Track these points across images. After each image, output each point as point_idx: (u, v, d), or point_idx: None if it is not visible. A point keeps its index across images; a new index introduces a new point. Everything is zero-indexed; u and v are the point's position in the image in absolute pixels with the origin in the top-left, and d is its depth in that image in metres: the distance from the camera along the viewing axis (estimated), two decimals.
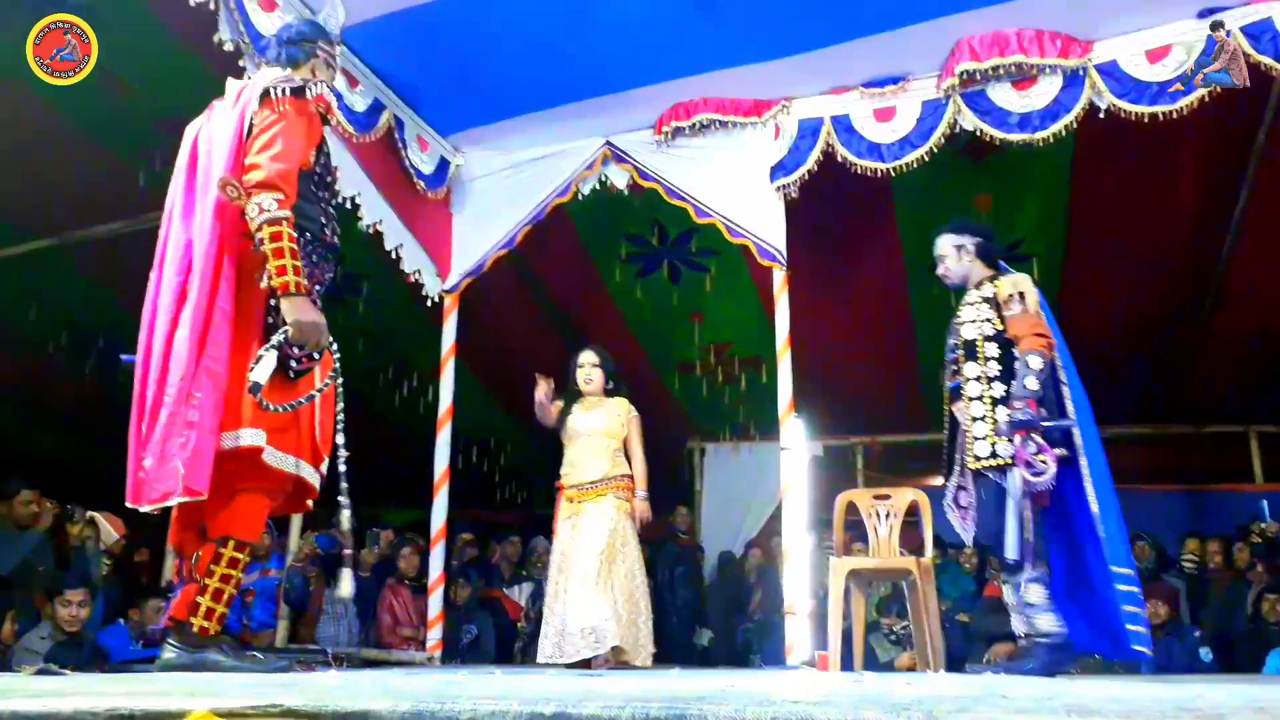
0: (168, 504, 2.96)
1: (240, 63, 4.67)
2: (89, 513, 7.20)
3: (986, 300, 4.23)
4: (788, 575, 5.52)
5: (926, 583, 4.80)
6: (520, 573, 8.43)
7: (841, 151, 5.59)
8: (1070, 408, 4.08)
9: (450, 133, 6.26)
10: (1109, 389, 8.87)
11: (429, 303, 6.38)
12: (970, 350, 4.19)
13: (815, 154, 5.64)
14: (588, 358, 5.47)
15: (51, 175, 6.36)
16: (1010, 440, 3.88)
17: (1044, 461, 3.79)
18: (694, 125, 5.83)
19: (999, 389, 4.04)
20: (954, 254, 4.44)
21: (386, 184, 5.80)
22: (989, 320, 4.19)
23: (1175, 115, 4.93)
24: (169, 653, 3.02)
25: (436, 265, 6.31)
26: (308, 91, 3.28)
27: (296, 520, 7.27)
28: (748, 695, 1.64)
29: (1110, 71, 5.09)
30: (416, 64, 5.58)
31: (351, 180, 5.47)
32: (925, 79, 5.45)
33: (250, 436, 3.03)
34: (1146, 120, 5.00)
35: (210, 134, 3.34)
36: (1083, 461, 3.96)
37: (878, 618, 7.13)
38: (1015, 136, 5.24)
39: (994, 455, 3.97)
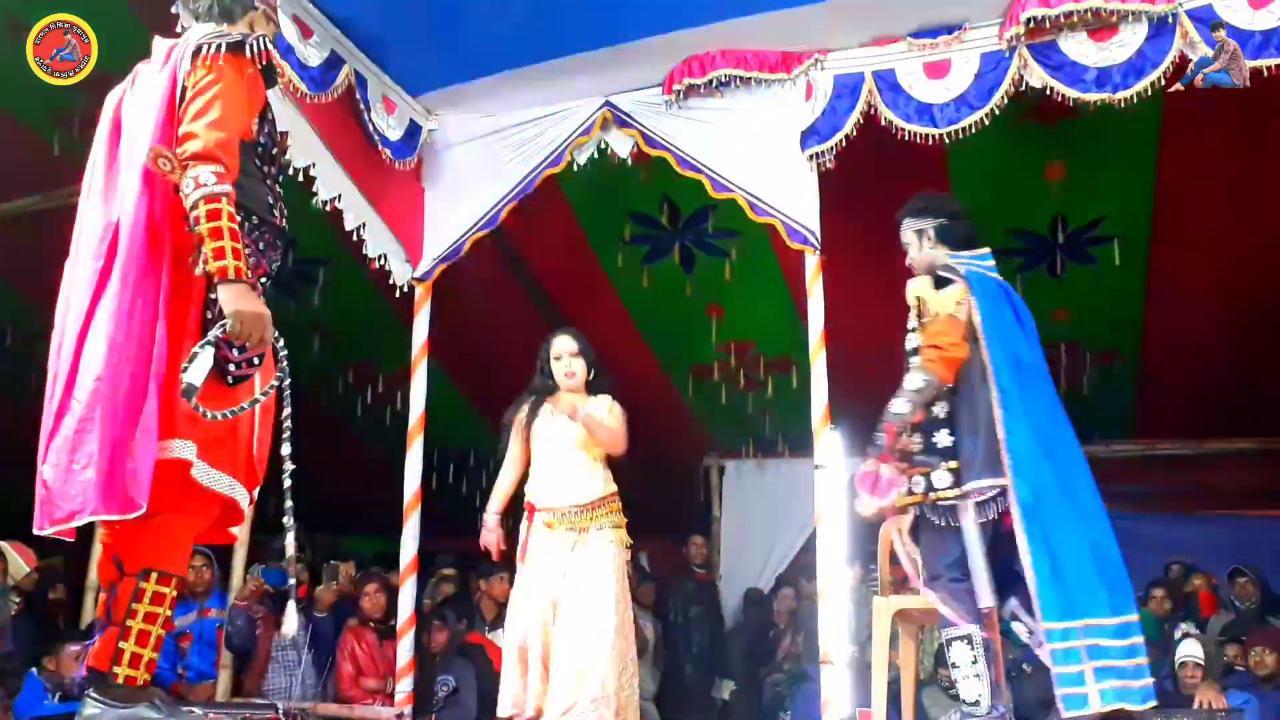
0: (74, 524, 2.86)
1: (173, 8, 4.68)
2: None
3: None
4: (824, 617, 5.50)
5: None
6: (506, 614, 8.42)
7: (886, 114, 5.57)
8: (1006, 460, 4.06)
9: (422, 92, 6.26)
10: (1202, 397, 8.90)
11: (397, 293, 6.38)
12: (907, 365, 4.31)
13: (854, 117, 5.62)
14: (565, 345, 5.15)
15: None
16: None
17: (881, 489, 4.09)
18: (710, 83, 5.82)
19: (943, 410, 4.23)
20: (915, 241, 4.57)
21: (346, 153, 5.80)
22: (914, 330, 4.35)
23: None
24: (90, 708, 2.92)
25: (405, 249, 6.32)
26: (247, 49, 3.21)
27: (240, 551, 7.27)
28: None
29: (1205, 18, 5.06)
30: (382, 11, 5.58)
31: (304, 149, 5.48)
32: (985, 28, 5.43)
33: (179, 448, 2.96)
34: (1250, 76, 4.98)
35: (135, 101, 3.33)
36: (1016, 514, 4.02)
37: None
38: (1091, 96, 5.22)
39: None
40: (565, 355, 5.10)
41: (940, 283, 4.31)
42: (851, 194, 5.99)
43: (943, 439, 4.18)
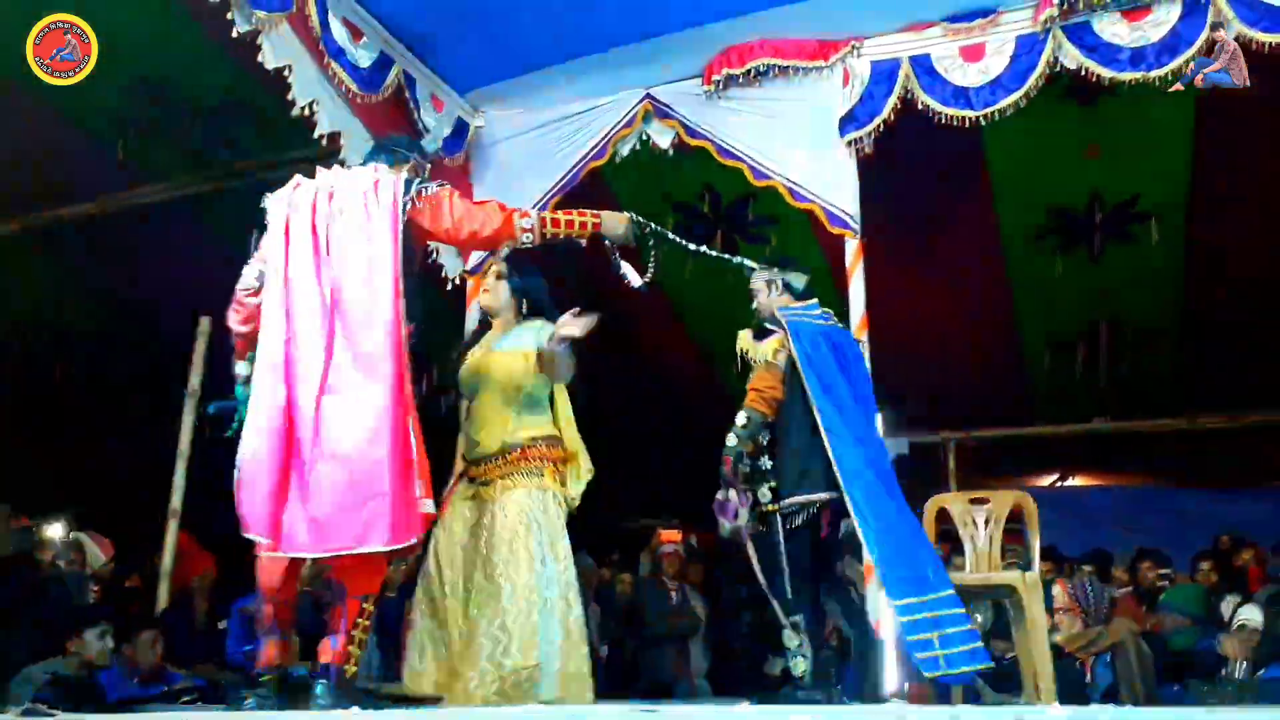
0: (357, 550, 3.53)
1: (229, 15, 4.73)
2: (73, 533, 7.34)
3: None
4: (872, 593, 5.48)
5: (1033, 601, 4.75)
6: None
7: (923, 98, 5.54)
8: (838, 472, 4.54)
9: (468, 90, 6.29)
10: (1243, 371, 8.78)
11: (449, 286, 6.42)
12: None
13: (892, 102, 5.60)
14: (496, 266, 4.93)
15: (9, 149, 6.47)
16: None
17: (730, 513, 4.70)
18: (749, 73, 5.82)
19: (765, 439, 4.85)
20: (765, 289, 5.10)
21: None
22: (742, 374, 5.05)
23: None
24: (327, 697, 3.56)
25: None
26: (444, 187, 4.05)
27: None
28: None
29: None
30: (429, 11, 5.60)
31: (357, 149, 5.51)
32: (1020, 10, 5.39)
33: (430, 505, 3.67)
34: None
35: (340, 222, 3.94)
36: (853, 515, 4.49)
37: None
38: (1126, 75, 5.17)
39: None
40: (491, 275, 4.88)
41: (761, 334, 4.98)
42: (890, 178, 5.96)
43: (765, 463, 4.81)
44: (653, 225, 4.39)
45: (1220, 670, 6.25)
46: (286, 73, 5.04)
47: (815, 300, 5.09)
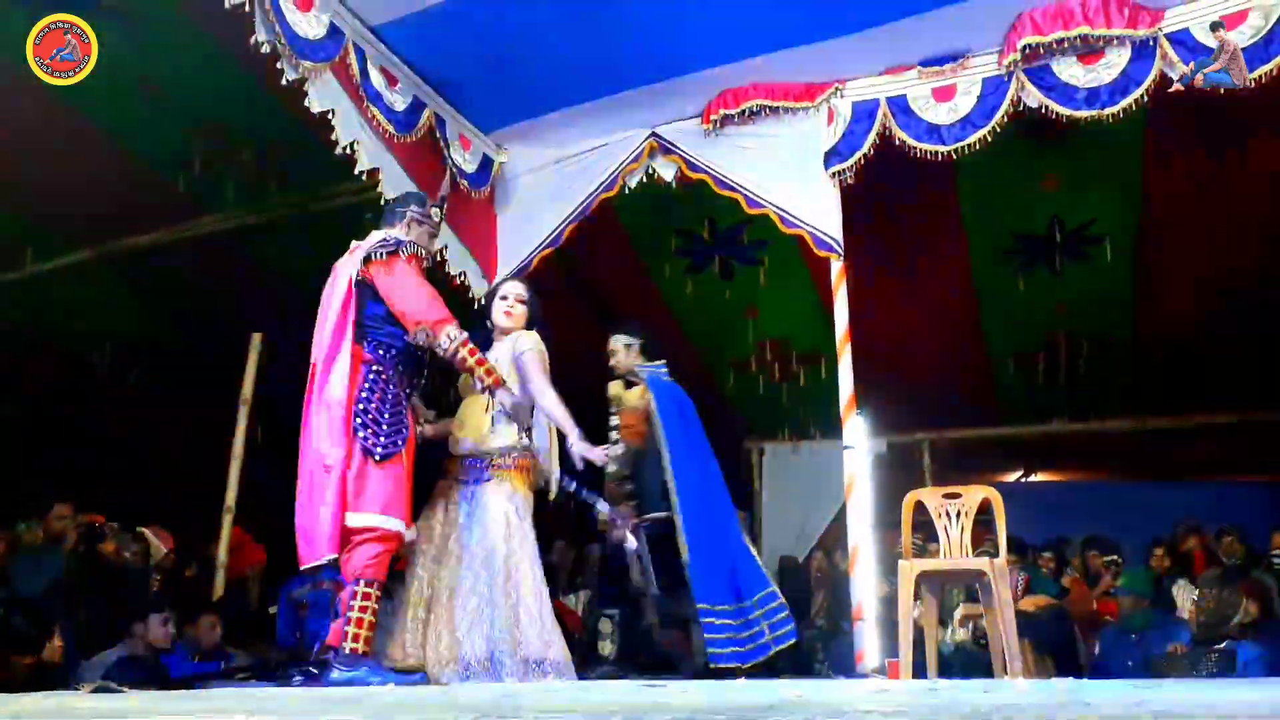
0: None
1: (278, 64, 4.75)
2: (138, 528, 7.35)
3: None
4: (855, 579, 5.48)
5: (1001, 585, 4.75)
6: (576, 580, 8.46)
7: (899, 135, 5.55)
8: (675, 496, 5.35)
9: (492, 129, 6.31)
10: (1195, 377, 8.77)
11: (475, 305, 6.43)
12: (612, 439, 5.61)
13: (871, 138, 5.61)
14: (513, 289, 4.82)
15: (86, 184, 6.51)
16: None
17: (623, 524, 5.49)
18: (743, 112, 5.83)
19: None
20: (624, 351, 5.73)
21: (429, 185, 5.85)
22: (614, 414, 5.77)
23: (1256, 84, 4.83)
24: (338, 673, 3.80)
25: (481, 266, 6.36)
26: (401, 250, 4.21)
27: None
28: (819, 706, 1.64)
29: (1183, 40, 5.00)
30: (456, 60, 5.62)
31: (394, 183, 5.52)
32: (986, 55, 5.40)
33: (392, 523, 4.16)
34: (1224, 92, 4.91)
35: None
36: (681, 533, 5.29)
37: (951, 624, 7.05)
38: (1083, 113, 5.18)
39: None
40: (511, 297, 4.74)
41: (629, 384, 5.75)
42: (870, 206, 5.97)
43: (628, 485, 5.63)
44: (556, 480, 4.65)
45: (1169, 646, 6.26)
46: (330, 116, 5.06)
47: (663, 360, 5.86)
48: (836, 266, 5.67)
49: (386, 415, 4.05)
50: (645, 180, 6.20)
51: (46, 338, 8.30)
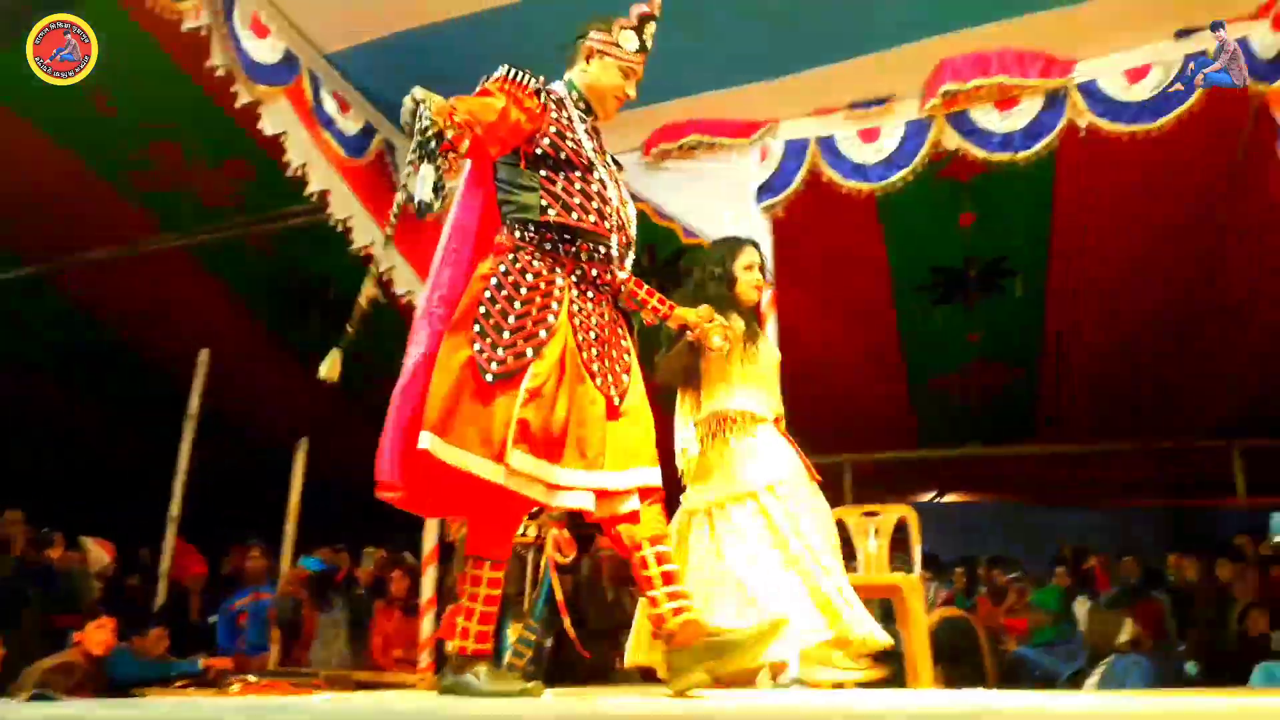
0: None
1: (232, 89, 4.68)
2: (79, 538, 7.16)
3: None
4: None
5: (915, 599, 4.78)
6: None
7: (827, 173, 5.59)
8: None
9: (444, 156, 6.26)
10: (1097, 406, 8.97)
11: None
12: None
13: (801, 175, 5.64)
14: (755, 256, 3.99)
15: (36, 197, 6.35)
16: None
17: None
18: (682, 147, 5.85)
19: None
20: None
21: (378, 208, 5.79)
22: None
23: (1155, 133, 4.96)
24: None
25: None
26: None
27: (288, 544, 7.24)
28: (733, 714, 1.64)
29: (1091, 91, 5.12)
30: (408, 88, 5.57)
31: (343, 205, 5.46)
32: (909, 100, 5.46)
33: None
34: (1127, 139, 5.04)
35: None
36: None
37: None
38: (998, 156, 5.25)
39: None
40: (756, 267, 3.98)
41: None
42: (800, 238, 6.02)
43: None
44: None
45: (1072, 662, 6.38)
46: (282, 138, 4.99)
47: None
48: (767, 294, 5.69)
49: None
50: None
51: None
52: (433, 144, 2.56)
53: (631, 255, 3.12)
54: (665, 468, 2.98)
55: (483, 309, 2.72)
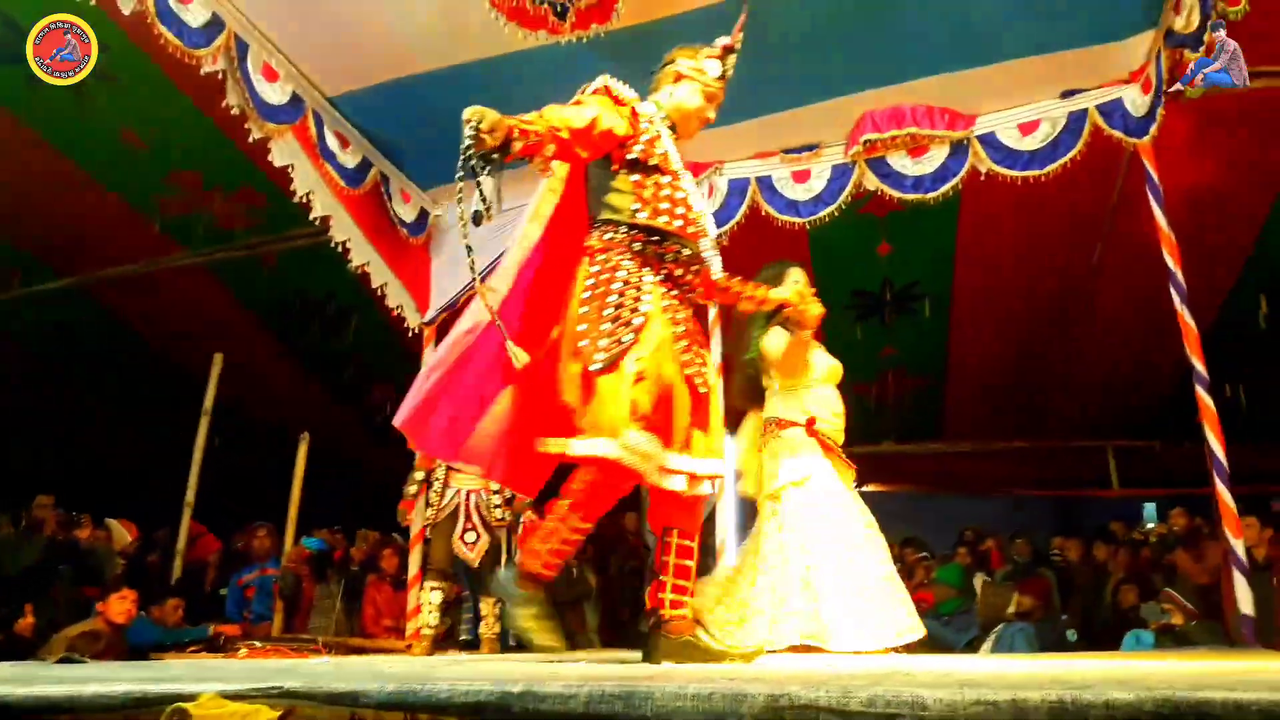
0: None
1: (246, 125, 4.64)
2: (106, 519, 7.03)
3: None
4: (721, 569, 5.50)
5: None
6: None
7: (765, 208, 5.63)
8: None
9: (430, 186, 6.22)
10: (993, 410, 9.08)
11: (409, 334, 6.32)
12: None
13: (743, 209, 5.68)
14: (800, 276, 4.00)
15: (71, 220, 6.27)
16: None
17: None
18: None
19: None
20: None
21: (372, 231, 5.76)
22: None
23: (1044, 179, 5.06)
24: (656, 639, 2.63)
25: (416, 301, 6.25)
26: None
27: (291, 527, 7.14)
28: (690, 674, 1.64)
29: (989, 141, 5.20)
30: (401, 127, 5.55)
31: (342, 228, 5.46)
32: (835, 147, 5.52)
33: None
34: (1020, 183, 5.12)
35: None
36: None
37: None
38: (910, 196, 5.32)
39: None
40: (804, 284, 3.96)
41: None
42: (741, 265, 6.02)
43: None
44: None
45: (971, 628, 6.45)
46: (289, 169, 4.96)
47: None
48: (712, 312, 5.72)
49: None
50: None
51: (29, 351, 7.91)
52: (474, 161, 2.49)
53: (718, 258, 3.02)
54: None
55: (584, 309, 2.61)
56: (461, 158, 2.46)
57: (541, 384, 2.66)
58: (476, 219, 2.50)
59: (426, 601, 4.95)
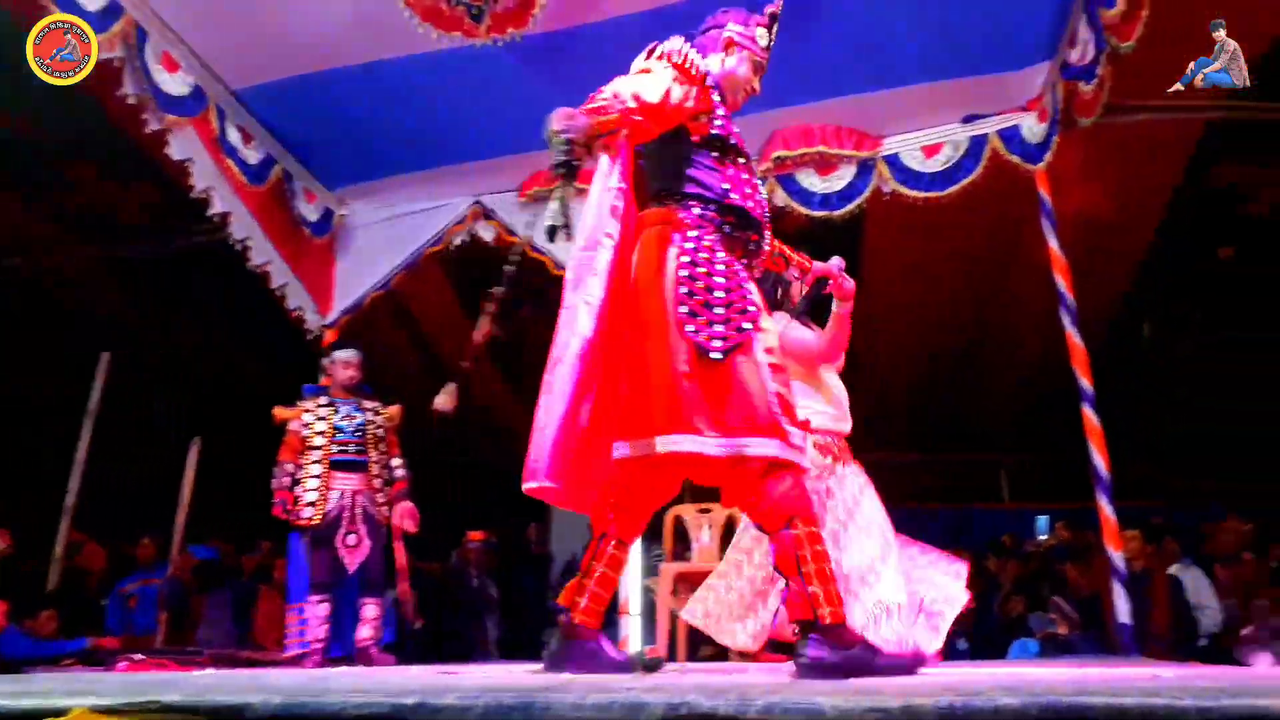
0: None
1: (143, 115, 4.46)
2: None
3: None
4: (624, 580, 5.50)
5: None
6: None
7: None
8: None
9: (336, 186, 6.09)
10: (890, 423, 9.33)
11: (309, 336, 6.16)
12: None
13: None
14: None
15: None
16: None
17: None
18: (553, 190, 5.84)
19: None
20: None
21: (275, 230, 5.60)
22: None
23: (945, 200, 5.23)
24: (819, 649, 2.14)
25: (318, 303, 6.10)
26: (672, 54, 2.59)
27: (178, 535, 6.86)
28: (589, 685, 1.63)
29: (894, 162, 5.36)
30: (308, 124, 5.43)
31: (243, 226, 5.30)
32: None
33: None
34: (922, 203, 5.28)
35: None
36: None
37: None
38: (818, 213, 5.44)
39: None
40: None
41: None
42: None
43: None
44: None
45: None
46: (188, 164, 4.79)
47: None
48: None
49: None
50: (468, 240, 6.11)
51: None
52: (564, 172, 2.28)
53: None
54: None
55: (685, 290, 2.31)
56: (561, 171, 2.27)
57: (613, 380, 2.38)
58: (552, 234, 2.33)
59: (313, 613, 4.77)
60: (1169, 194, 6.16)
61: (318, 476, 4.78)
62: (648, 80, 2.39)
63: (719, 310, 2.30)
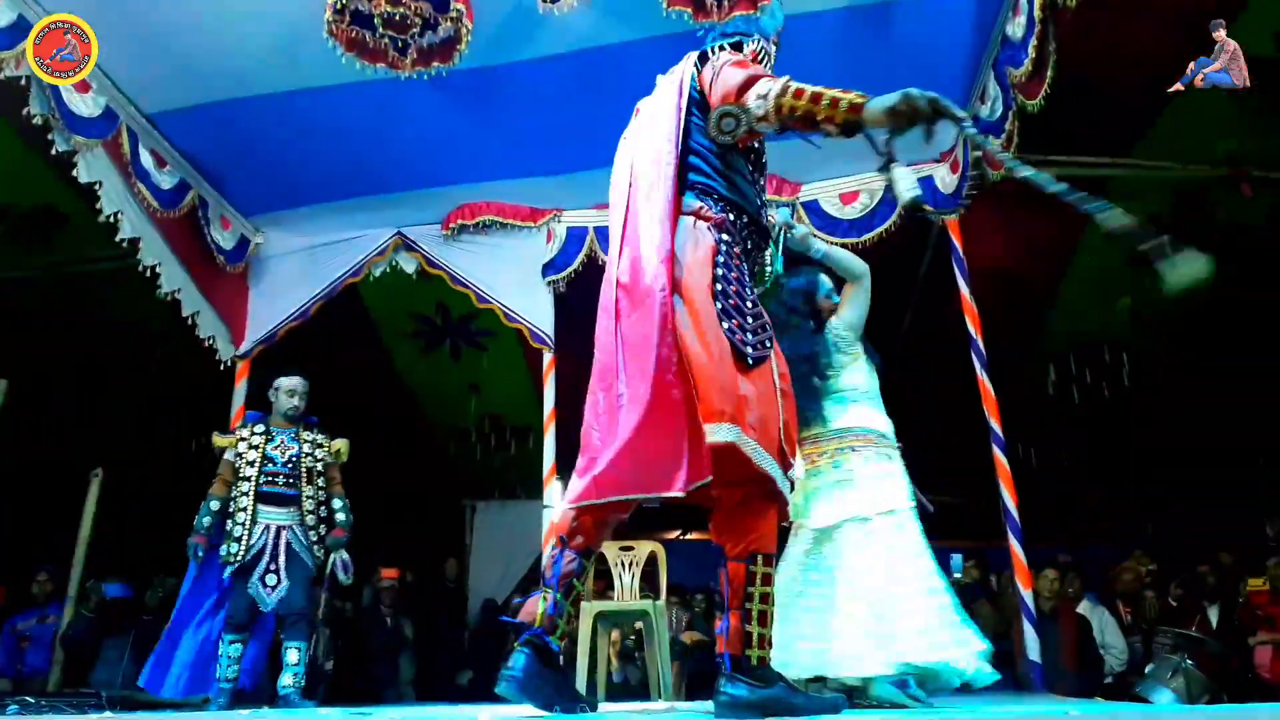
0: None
1: (49, 135, 4.32)
2: None
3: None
4: None
5: (661, 623, 4.85)
6: None
7: (602, 256, 5.70)
8: None
9: (253, 214, 5.98)
10: None
11: (221, 367, 5.99)
12: None
13: (581, 256, 5.78)
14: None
15: None
16: None
17: None
18: (478, 224, 5.84)
19: None
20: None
21: (187, 256, 5.46)
22: None
23: (862, 246, 5.36)
24: (737, 688, 2.12)
25: (231, 333, 5.95)
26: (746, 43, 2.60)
27: (77, 568, 6.55)
28: None
29: (813, 208, 5.49)
30: (225, 151, 5.32)
31: (153, 251, 5.15)
32: None
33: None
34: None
35: (641, 125, 2.64)
36: None
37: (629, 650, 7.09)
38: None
39: None
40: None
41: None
42: (578, 310, 6.08)
43: None
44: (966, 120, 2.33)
45: None
46: (97, 187, 4.64)
47: None
48: (548, 357, 5.74)
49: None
50: (389, 271, 6.05)
51: None
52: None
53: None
54: None
55: (719, 286, 2.21)
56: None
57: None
58: (916, 206, 2.32)
59: (224, 654, 4.55)
60: (1074, 247, 6.39)
61: (244, 510, 4.58)
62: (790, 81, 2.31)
63: (750, 320, 2.22)
